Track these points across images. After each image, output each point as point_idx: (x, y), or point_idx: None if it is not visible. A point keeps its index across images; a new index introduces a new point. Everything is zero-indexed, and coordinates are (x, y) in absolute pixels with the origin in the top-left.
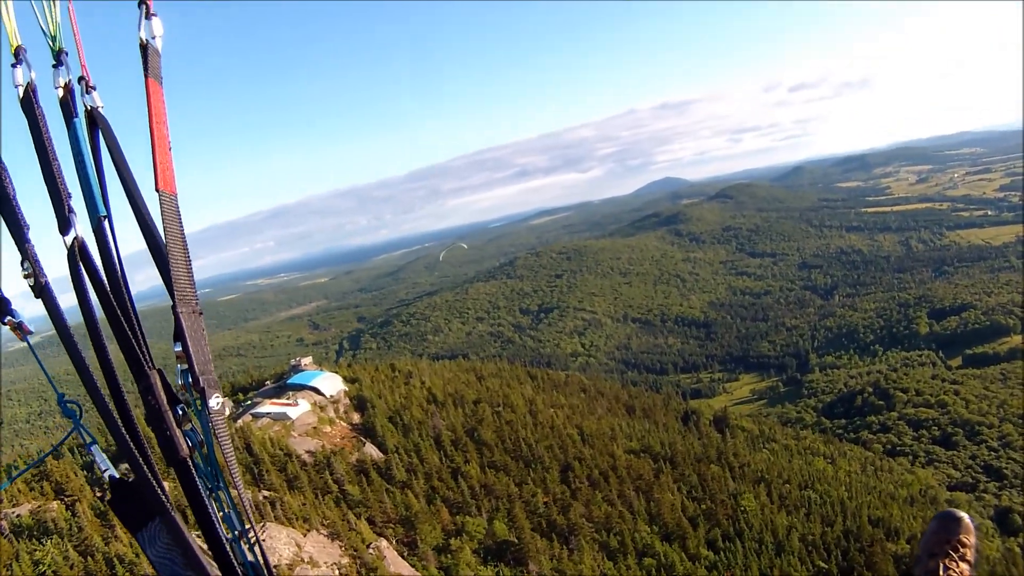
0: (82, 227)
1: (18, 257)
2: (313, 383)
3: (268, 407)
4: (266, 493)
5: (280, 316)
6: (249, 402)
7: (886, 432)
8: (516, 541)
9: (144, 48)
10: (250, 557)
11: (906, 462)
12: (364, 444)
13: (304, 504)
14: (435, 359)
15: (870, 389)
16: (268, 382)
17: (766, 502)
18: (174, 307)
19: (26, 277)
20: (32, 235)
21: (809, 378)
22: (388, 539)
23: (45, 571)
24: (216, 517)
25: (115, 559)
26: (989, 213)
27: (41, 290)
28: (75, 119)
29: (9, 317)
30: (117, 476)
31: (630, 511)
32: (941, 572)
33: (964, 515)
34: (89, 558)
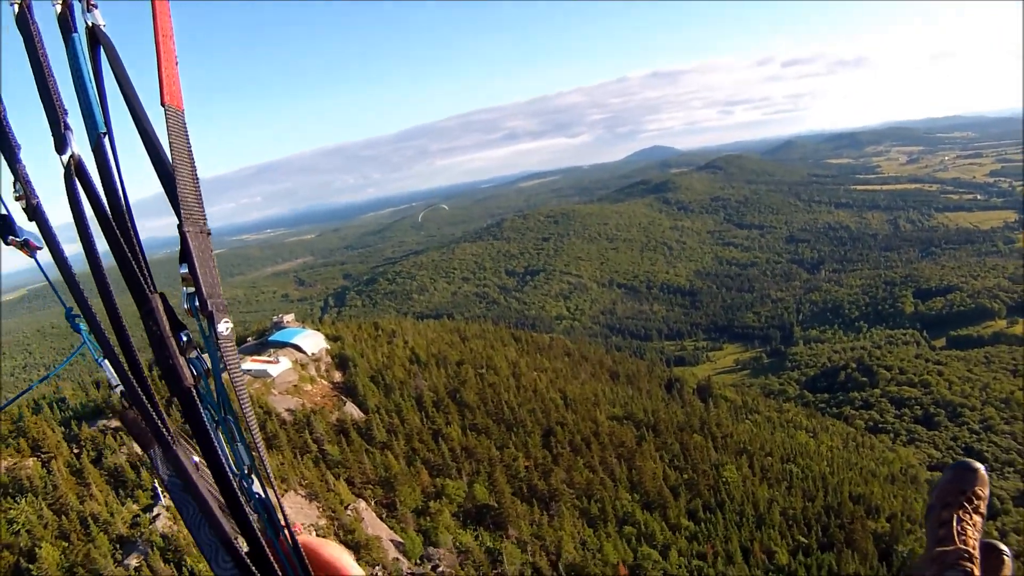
0: (81, 146)
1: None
2: (295, 340)
3: (248, 364)
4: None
5: (266, 272)
6: None
7: (868, 409)
8: (496, 505)
9: None
10: (257, 491)
11: (888, 440)
12: (345, 403)
13: (282, 464)
14: (420, 318)
15: (854, 365)
16: (250, 339)
17: (748, 474)
18: (180, 226)
19: (18, 199)
20: (29, 155)
21: (793, 351)
22: (367, 500)
23: (19, 530)
24: (224, 449)
25: (89, 518)
26: (979, 197)
27: (33, 212)
28: (74, 34)
29: (12, 236)
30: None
31: (611, 478)
32: (955, 523)
33: (980, 466)
34: (64, 517)
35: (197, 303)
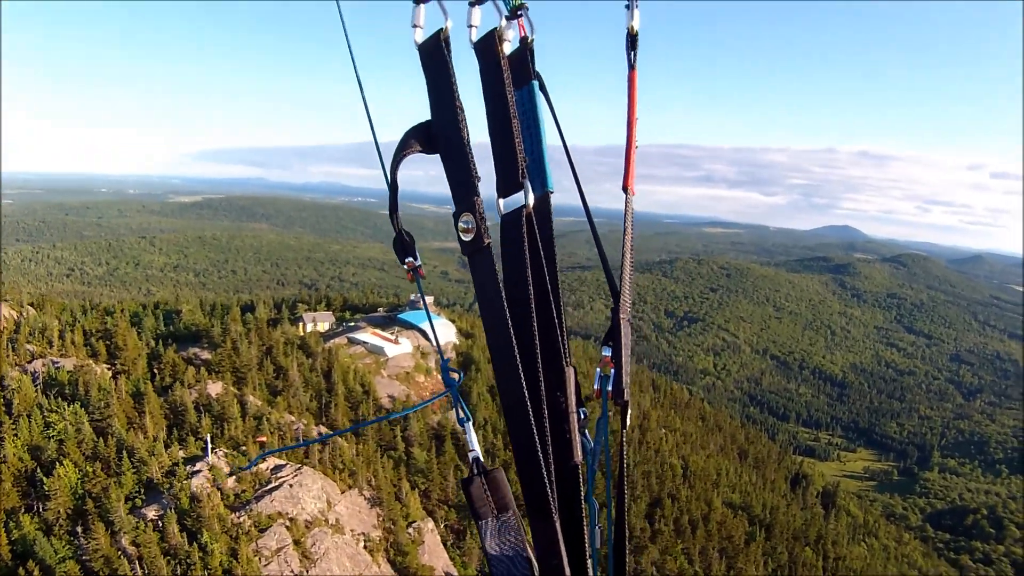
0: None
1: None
2: (423, 326)
3: (367, 336)
4: (322, 429)
5: (434, 245)
6: (353, 324)
7: (988, 565)
8: None
9: (633, 38)
10: None
11: None
12: (452, 408)
13: (358, 456)
14: (568, 334)
15: (985, 512)
16: (380, 309)
17: None
18: (616, 311)
19: (464, 232)
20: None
21: (926, 476)
22: (437, 521)
23: (52, 436)
24: (592, 531)
25: (126, 451)
26: None
27: (476, 252)
28: (532, 81)
29: (410, 259)
30: (482, 460)
31: (706, 574)
32: None
33: None
34: (103, 439)
35: (612, 388)
